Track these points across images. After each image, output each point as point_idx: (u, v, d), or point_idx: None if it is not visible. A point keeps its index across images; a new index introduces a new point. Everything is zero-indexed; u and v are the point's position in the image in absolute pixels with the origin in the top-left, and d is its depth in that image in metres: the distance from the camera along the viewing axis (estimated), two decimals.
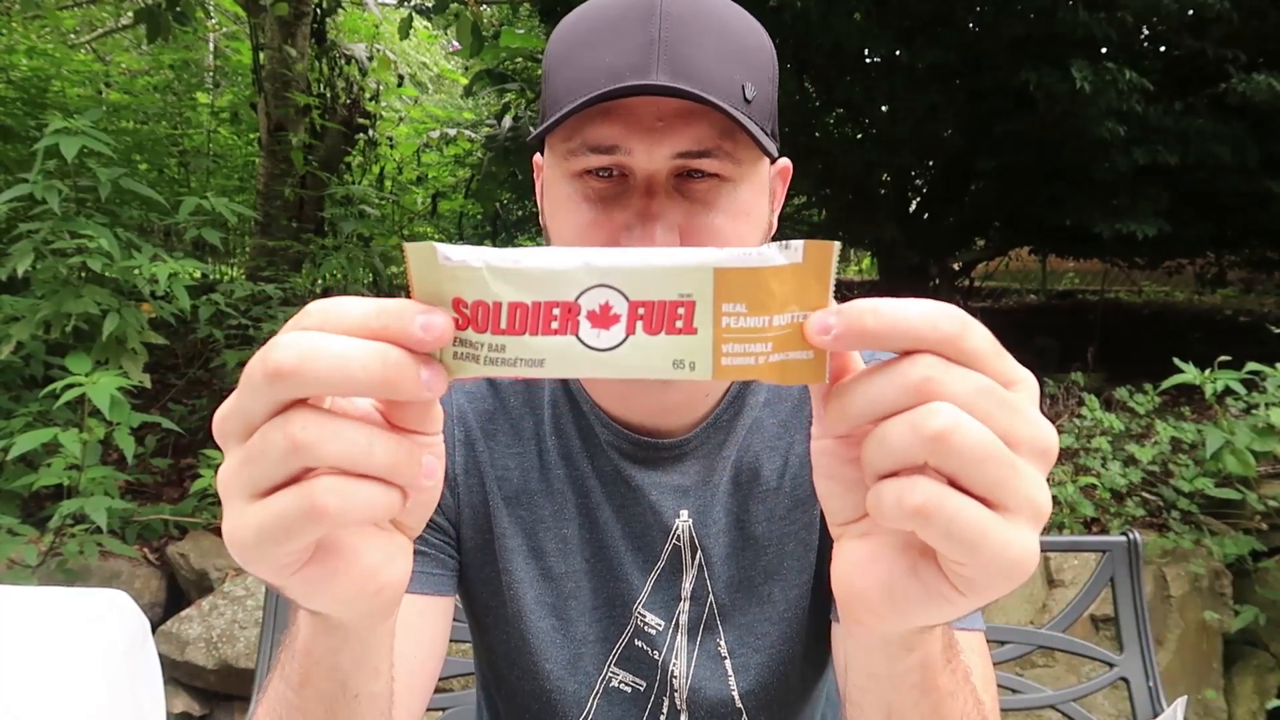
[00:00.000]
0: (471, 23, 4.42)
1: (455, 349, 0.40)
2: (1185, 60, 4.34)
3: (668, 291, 0.40)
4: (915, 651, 0.50)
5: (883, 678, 0.53)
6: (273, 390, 0.38)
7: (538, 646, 0.87)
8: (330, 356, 0.37)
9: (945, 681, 0.53)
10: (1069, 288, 9.18)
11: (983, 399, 0.38)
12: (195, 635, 2.62)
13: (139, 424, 2.73)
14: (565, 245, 0.76)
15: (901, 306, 0.38)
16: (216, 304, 3.33)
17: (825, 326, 0.38)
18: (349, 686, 0.55)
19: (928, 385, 0.38)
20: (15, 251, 2.80)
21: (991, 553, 0.38)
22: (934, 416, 0.37)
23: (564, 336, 0.40)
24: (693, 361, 0.41)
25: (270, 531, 0.39)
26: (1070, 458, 3.49)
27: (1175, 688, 2.76)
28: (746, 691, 0.87)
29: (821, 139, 5.34)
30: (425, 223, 6.95)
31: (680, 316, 0.40)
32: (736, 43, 0.72)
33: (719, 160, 0.72)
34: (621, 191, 0.73)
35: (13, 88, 5.04)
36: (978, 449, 0.37)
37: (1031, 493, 0.39)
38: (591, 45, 0.71)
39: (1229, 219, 4.91)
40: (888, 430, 0.39)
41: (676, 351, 0.41)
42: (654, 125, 0.70)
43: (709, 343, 0.41)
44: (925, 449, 0.38)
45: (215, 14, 6.72)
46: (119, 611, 1.09)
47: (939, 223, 5.74)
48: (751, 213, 0.76)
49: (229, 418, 0.41)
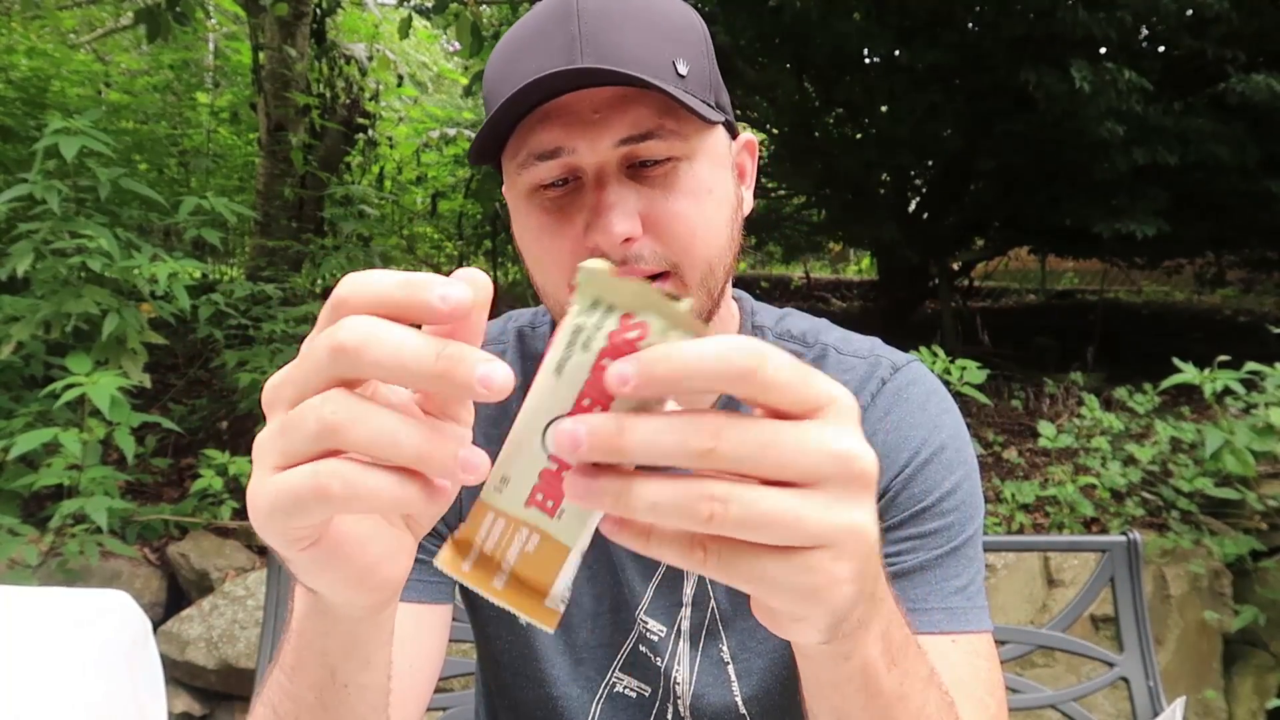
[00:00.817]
0: (471, 23, 4.42)
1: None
2: (1185, 60, 4.34)
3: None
4: (851, 659, 0.50)
5: (826, 684, 0.53)
6: (332, 365, 0.39)
7: (542, 653, 0.86)
8: (390, 344, 0.38)
9: (891, 685, 0.53)
10: (1068, 288, 9.18)
11: (767, 452, 0.37)
12: (196, 635, 2.62)
13: (139, 424, 2.74)
14: (539, 271, 0.77)
15: (694, 348, 0.37)
16: (216, 304, 3.33)
17: (624, 378, 0.36)
18: (338, 674, 0.55)
19: (707, 456, 0.37)
20: (15, 251, 2.80)
21: (778, 589, 0.40)
22: (700, 505, 0.37)
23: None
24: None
25: (281, 504, 0.40)
26: (1070, 457, 3.49)
27: (1175, 688, 2.76)
28: (750, 697, 0.86)
29: (821, 139, 5.34)
30: (425, 222, 6.95)
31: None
32: (660, 22, 0.73)
33: (664, 141, 0.71)
34: (576, 195, 0.73)
35: (13, 88, 5.04)
36: (746, 522, 0.37)
37: (835, 523, 0.38)
38: (518, 57, 0.72)
39: (1228, 219, 4.91)
40: (663, 514, 0.38)
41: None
42: (591, 118, 0.70)
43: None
44: (703, 529, 0.38)
45: (215, 14, 6.71)
46: (120, 612, 1.09)
47: (939, 223, 5.74)
48: (715, 189, 0.76)
49: (282, 385, 0.42)
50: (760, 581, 0.39)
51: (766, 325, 0.91)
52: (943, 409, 0.87)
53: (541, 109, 0.71)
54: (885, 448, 0.82)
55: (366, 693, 0.57)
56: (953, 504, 0.81)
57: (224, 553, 2.91)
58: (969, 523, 0.82)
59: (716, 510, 0.37)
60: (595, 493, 0.38)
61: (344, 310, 0.40)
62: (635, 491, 0.37)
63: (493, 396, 0.38)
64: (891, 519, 0.81)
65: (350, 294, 0.40)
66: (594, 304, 0.39)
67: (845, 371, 0.87)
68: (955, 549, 0.81)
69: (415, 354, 0.38)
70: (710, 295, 0.77)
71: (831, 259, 10.65)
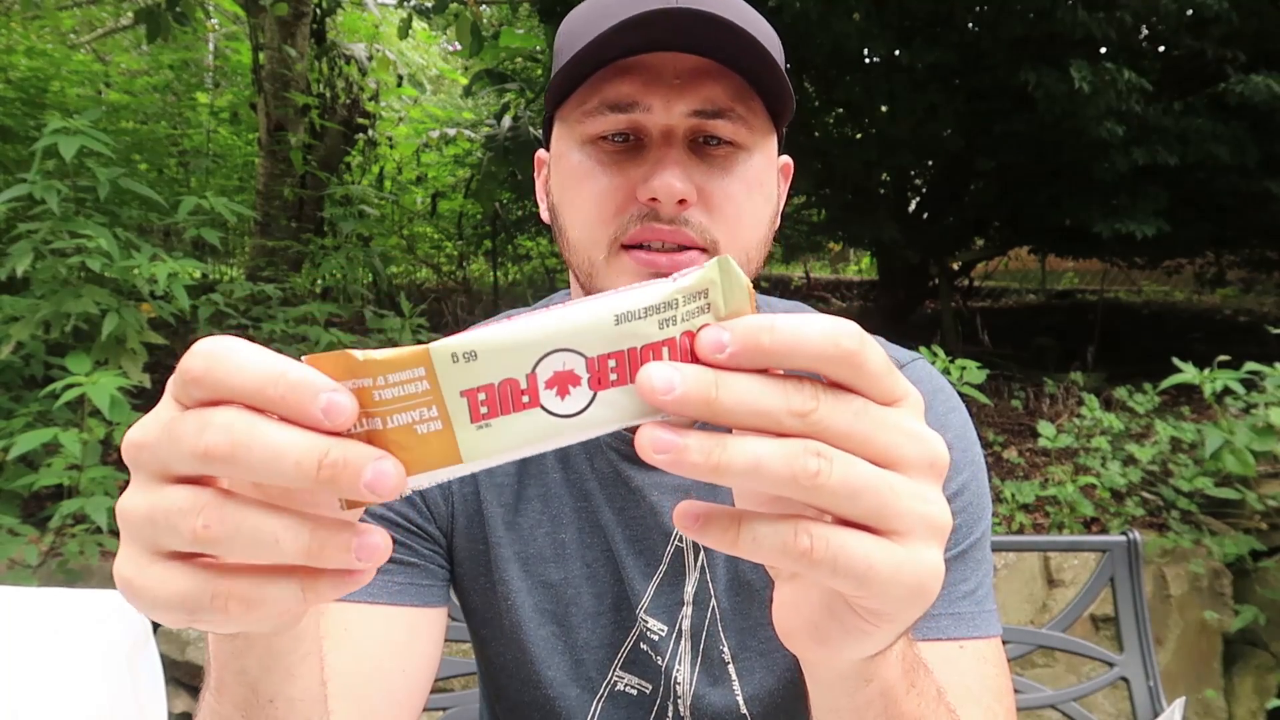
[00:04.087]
0: (471, 23, 4.42)
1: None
2: (1184, 60, 4.34)
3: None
4: (873, 682, 0.49)
5: (844, 711, 0.51)
6: (200, 464, 0.35)
7: (538, 655, 0.86)
8: (267, 452, 0.34)
9: (911, 707, 0.51)
10: (1069, 287, 9.18)
11: (861, 423, 0.37)
12: (196, 635, 2.62)
13: None
14: (579, 220, 0.76)
15: (800, 324, 0.36)
16: (216, 304, 3.33)
17: (719, 344, 0.35)
18: (260, 690, 0.52)
19: (806, 417, 0.36)
20: (15, 251, 2.80)
21: (883, 582, 0.37)
22: (808, 460, 0.35)
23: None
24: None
25: (172, 607, 0.37)
26: (1070, 457, 3.49)
27: (1175, 687, 2.76)
28: (751, 696, 0.85)
29: (821, 139, 5.33)
30: (425, 222, 6.95)
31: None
32: (754, 19, 0.74)
33: (732, 124, 0.72)
34: (635, 153, 0.73)
35: (12, 88, 5.04)
36: (847, 484, 0.36)
37: (921, 510, 0.38)
38: (611, 14, 0.71)
39: (1228, 219, 4.90)
40: (763, 472, 0.36)
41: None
42: (672, 82, 0.71)
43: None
44: (801, 493, 0.36)
45: (215, 14, 6.72)
46: (121, 612, 1.09)
47: (939, 222, 5.74)
48: (764, 184, 0.77)
49: (142, 449, 0.38)
50: (867, 573, 0.37)
51: None
52: (949, 407, 0.86)
53: (623, 62, 0.71)
54: None
55: (296, 704, 0.53)
56: (959, 506, 0.80)
57: None
58: (976, 524, 0.81)
59: (823, 467, 0.35)
60: (682, 449, 0.35)
61: (205, 389, 0.36)
62: (734, 447, 0.35)
63: (381, 498, 0.35)
64: None
65: (216, 376, 0.35)
66: (700, 293, 0.37)
67: None
68: (963, 552, 0.80)
69: (296, 466, 0.34)
70: None
71: (831, 259, 10.65)
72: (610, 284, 0.74)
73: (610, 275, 0.74)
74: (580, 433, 0.37)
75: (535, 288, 6.37)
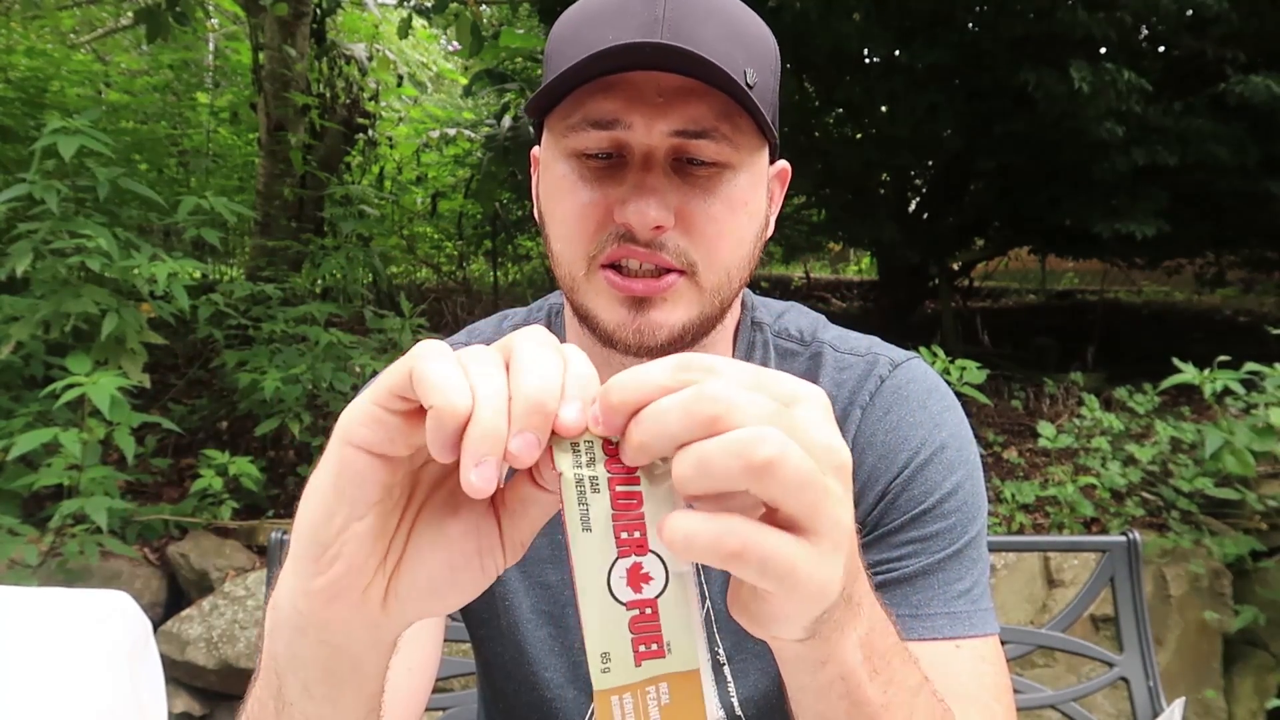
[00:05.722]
0: (471, 23, 4.42)
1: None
2: (1184, 60, 4.34)
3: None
4: (828, 664, 0.50)
5: (808, 689, 0.53)
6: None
7: (535, 656, 0.86)
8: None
9: (874, 694, 0.53)
10: (1068, 288, 9.17)
11: (777, 423, 0.38)
12: (196, 635, 2.62)
13: (139, 424, 2.73)
14: (561, 233, 0.76)
15: (641, 374, 0.40)
16: (216, 304, 3.33)
17: (594, 419, 0.40)
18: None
19: (725, 415, 0.38)
20: (14, 251, 2.80)
21: (796, 585, 0.41)
22: (763, 445, 0.38)
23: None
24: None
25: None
26: (1070, 457, 3.49)
27: (1175, 688, 2.76)
28: (745, 699, 0.85)
29: (821, 139, 5.34)
30: (425, 222, 6.95)
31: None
32: (741, 29, 0.73)
33: (716, 143, 0.71)
34: (617, 171, 0.73)
35: (12, 88, 5.04)
36: (798, 476, 0.38)
37: (838, 514, 0.41)
38: (596, 25, 0.71)
39: (1228, 219, 4.90)
40: (710, 457, 0.38)
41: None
42: (655, 100, 0.70)
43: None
44: (749, 477, 0.38)
45: (215, 14, 6.72)
46: (121, 613, 1.09)
47: (939, 223, 5.74)
48: (750, 204, 0.76)
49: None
50: (787, 579, 0.40)
51: (765, 322, 0.91)
52: (944, 406, 0.86)
53: (606, 79, 0.70)
54: (884, 448, 0.81)
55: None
56: (954, 505, 0.80)
57: (224, 553, 2.91)
58: (971, 524, 0.81)
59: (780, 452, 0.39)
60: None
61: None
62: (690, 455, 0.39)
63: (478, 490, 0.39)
64: (891, 522, 0.80)
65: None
66: (574, 449, 0.40)
67: (842, 370, 0.86)
68: (958, 551, 0.80)
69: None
70: (721, 304, 0.77)
71: (831, 259, 10.64)
72: (590, 301, 0.75)
73: (590, 292, 0.75)
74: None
75: (535, 288, 6.37)
